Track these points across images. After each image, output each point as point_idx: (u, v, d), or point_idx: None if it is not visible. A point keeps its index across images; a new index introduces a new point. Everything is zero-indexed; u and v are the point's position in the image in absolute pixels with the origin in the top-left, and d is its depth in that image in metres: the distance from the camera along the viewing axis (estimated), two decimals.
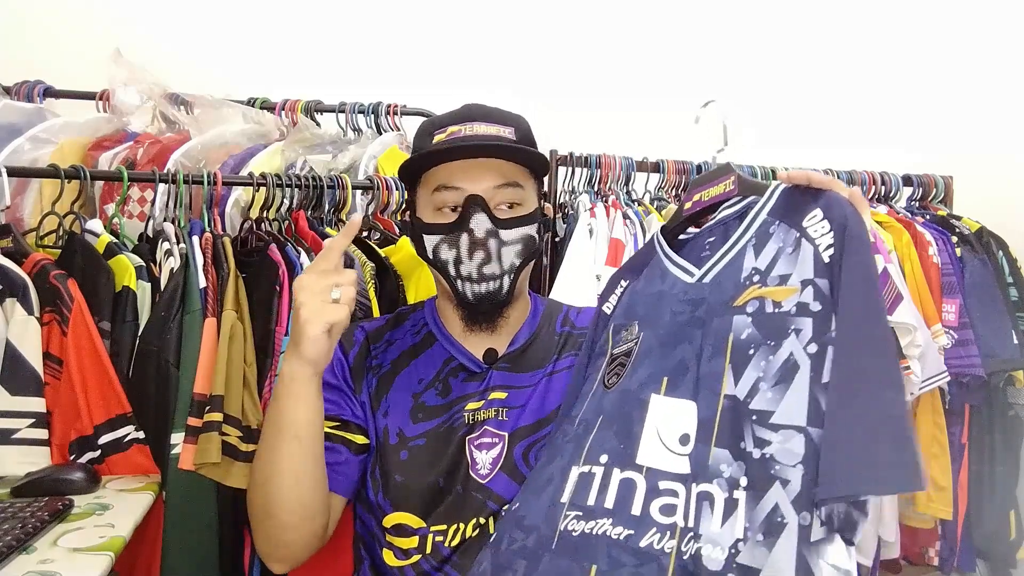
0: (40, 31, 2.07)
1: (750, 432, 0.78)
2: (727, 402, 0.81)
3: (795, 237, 0.86)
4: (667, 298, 0.95)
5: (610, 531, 0.81)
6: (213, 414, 1.18)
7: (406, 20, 2.25)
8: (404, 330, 1.13)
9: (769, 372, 0.80)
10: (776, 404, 0.78)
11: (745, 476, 0.77)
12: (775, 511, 0.74)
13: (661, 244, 1.03)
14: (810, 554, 0.72)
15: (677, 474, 0.81)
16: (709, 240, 0.97)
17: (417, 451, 1.03)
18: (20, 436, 1.16)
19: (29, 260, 1.24)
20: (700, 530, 0.77)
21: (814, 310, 0.81)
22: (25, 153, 1.55)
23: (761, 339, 0.82)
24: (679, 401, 0.85)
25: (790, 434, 0.76)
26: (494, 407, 1.05)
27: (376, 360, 1.10)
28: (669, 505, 0.80)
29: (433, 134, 1.05)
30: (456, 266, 1.03)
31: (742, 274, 0.88)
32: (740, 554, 0.74)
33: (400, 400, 1.06)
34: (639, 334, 0.95)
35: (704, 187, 1.01)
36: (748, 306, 0.85)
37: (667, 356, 0.89)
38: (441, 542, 1.00)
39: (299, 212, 1.48)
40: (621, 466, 0.84)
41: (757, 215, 0.92)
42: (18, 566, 0.89)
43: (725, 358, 0.83)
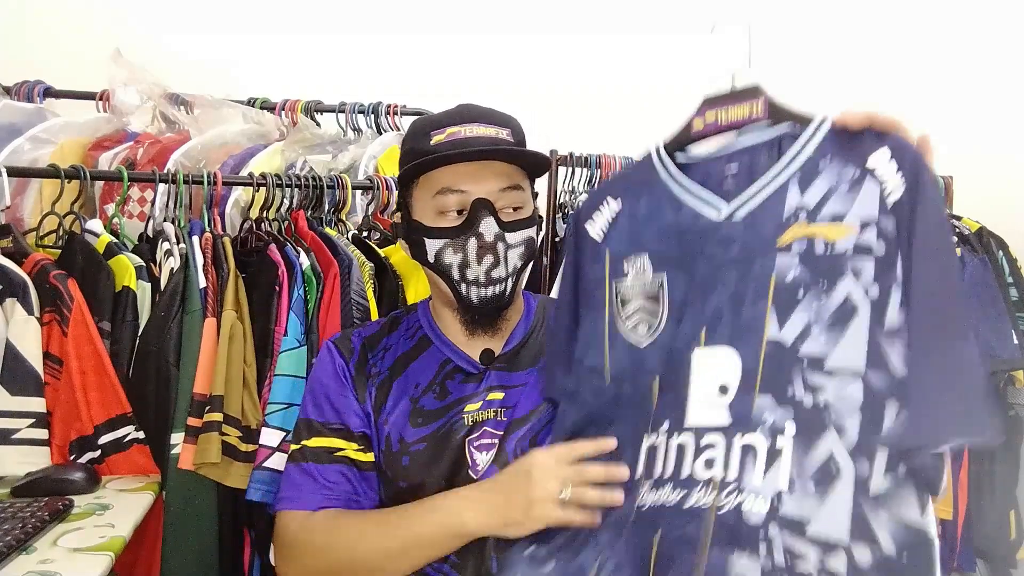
0: (40, 31, 2.07)
1: (800, 378, 0.73)
2: (770, 348, 0.76)
3: (853, 174, 0.78)
4: (691, 236, 0.86)
5: (670, 497, 0.79)
6: (213, 414, 1.18)
7: (406, 20, 2.25)
8: (399, 335, 1.13)
9: (822, 315, 0.74)
10: (831, 348, 0.73)
11: (793, 422, 0.72)
12: (829, 460, 0.70)
13: (667, 166, 0.91)
14: (869, 507, 0.68)
15: (717, 427, 0.77)
16: (731, 171, 0.88)
17: (418, 456, 1.03)
18: (20, 436, 1.16)
19: (29, 260, 1.24)
20: (743, 483, 0.73)
21: (877, 252, 0.74)
22: (25, 153, 1.55)
23: (811, 280, 0.76)
24: (717, 348, 0.80)
25: (847, 380, 0.71)
26: (493, 408, 1.05)
27: (375, 368, 1.09)
28: (709, 459, 0.76)
29: (430, 134, 1.04)
30: (462, 270, 1.02)
31: (784, 212, 0.80)
32: (784, 506, 0.70)
33: (399, 406, 1.06)
34: (660, 275, 0.87)
35: (723, 106, 0.90)
36: (794, 245, 0.78)
37: (705, 304, 0.83)
38: None
39: (299, 212, 1.48)
40: (677, 432, 0.81)
41: (802, 149, 0.83)
42: (18, 566, 0.89)
43: (767, 301, 0.77)
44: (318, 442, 1.05)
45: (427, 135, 1.04)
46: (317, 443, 1.05)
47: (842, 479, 0.69)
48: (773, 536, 0.70)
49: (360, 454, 1.05)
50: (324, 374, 1.09)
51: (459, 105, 1.08)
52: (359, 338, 1.12)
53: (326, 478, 1.03)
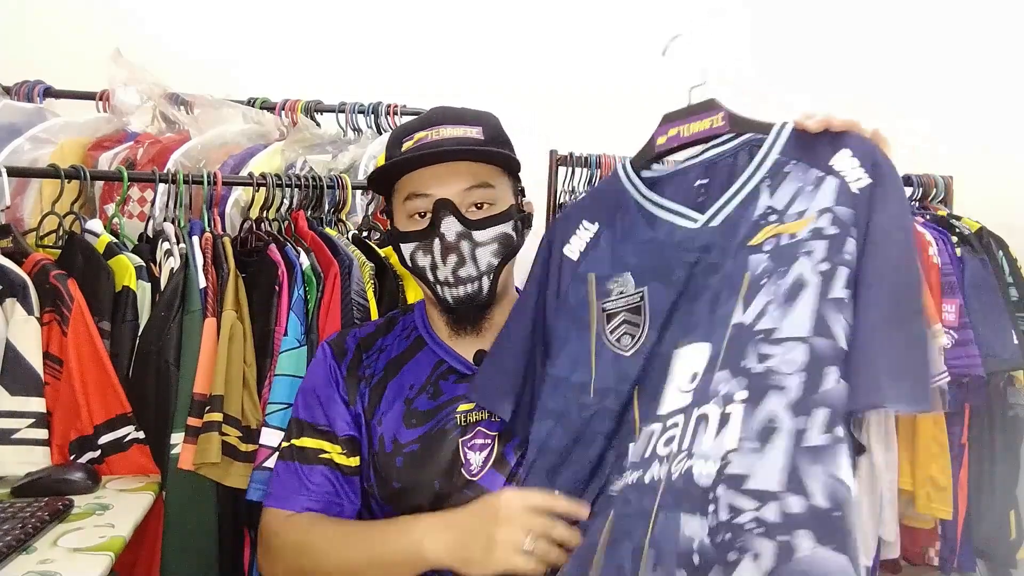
0: (40, 31, 2.07)
1: (754, 350, 0.77)
2: (733, 331, 0.80)
3: (816, 176, 0.84)
4: (670, 248, 0.90)
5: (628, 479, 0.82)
6: (213, 414, 1.18)
7: (406, 20, 2.25)
8: (395, 335, 1.13)
9: (778, 294, 0.79)
10: (780, 321, 0.77)
11: (745, 390, 0.76)
12: (770, 418, 0.73)
13: (637, 186, 0.96)
14: (802, 458, 0.70)
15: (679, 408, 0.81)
16: (701, 182, 0.92)
17: (412, 456, 1.03)
18: (20, 436, 1.15)
19: (29, 260, 1.24)
20: (693, 449, 0.76)
21: (828, 233, 0.79)
22: (25, 153, 1.55)
23: (774, 268, 0.81)
24: (695, 345, 0.84)
25: (792, 345, 0.75)
26: (486, 409, 1.05)
27: (369, 369, 1.10)
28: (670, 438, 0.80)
29: (402, 142, 1.05)
30: (432, 271, 1.03)
31: (756, 213, 0.85)
32: (730, 464, 0.73)
33: (393, 407, 1.07)
34: (641, 288, 0.91)
35: (684, 121, 0.95)
36: (765, 244, 0.83)
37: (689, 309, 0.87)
38: None
39: (299, 212, 1.48)
40: (648, 422, 0.84)
41: (768, 154, 0.88)
42: (18, 566, 0.89)
43: (739, 295, 0.82)
44: (305, 442, 1.06)
45: (399, 143, 1.06)
46: (305, 443, 1.06)
47: (781, 433, 0.72)
48: (720, 495, 0.72)
49: (344, 458, 1.06)
50: (316, 375, 1.10)
51: (432, 108, 1.09)
52: (355, 338, 1.13)
53: (310, 479, 1.04)
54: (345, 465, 1.05)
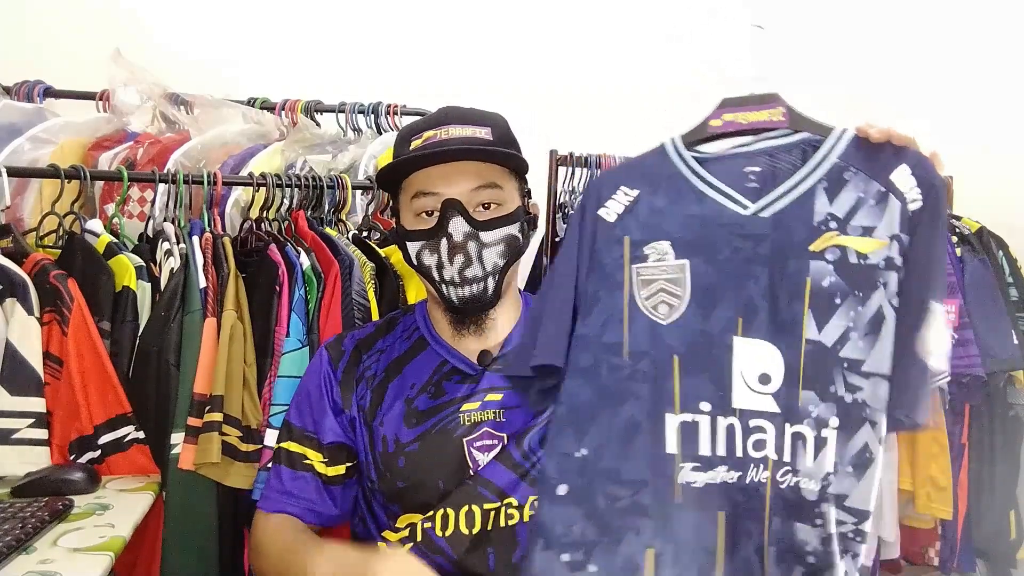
0: (40, 31, 2.07)
1: (841, 378, 0.84)
2: (810, 347, 0.85)
3: (878, 190, 0.87)
4: (715, 227, 0.90)
5: (726, 477, 0.87)
6: (213, 414, 1.18)
7: (406, 20, 2.25)
8: (395, 336, 1.13)
9: (859, 323, 0.85)
10: (867, 353, 0.84)
11: (836, 417, 0.84)
12: (865, 448, 0.83)
13: (686, 159, 0.95)
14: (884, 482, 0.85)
15: (765, 412, 0.87)
16: (752, 169, 0.92)
17: (413, 455, 1.03)
18: (20, 436, 1.15)
19: (29, 260, 1.24)
20: (797, 466, 0.85)
21: (898, 264, 0.85)
22: (25, 153, 1.55)
23: (848, 289, 0.85)
24: (758, 342, 0.88)
25: (878, 381, 0.84)
26: (491, 408, 1.05)
27: (370, 371, 1.10)
28: (759, 440, 0.86)
29: (410, 140, 1.06)
30: (439, 271, 1.03)
31: (815, 218, 0.87)
32: (831, 485, 0.84)
33: (394, 407, 1.07)
34: (682, 260, 0.91)
35: (743, 109, 0.95)
36: (828, 253, 0.86)
37: (737, 295, 0.89)
38: (430, 529, 1.01)
39: (299, 212, 1.48)
40: (724, 413, 0.88)
41: (826, 157, 0.90)
42: (18, 566, 0.89)
43: (804, 303, 0.86)
44: (292, 446, 1.09)
45: (407, 141, 1.06)
46: (291, 447, 1.09)
47: (875, 463, 0.83)
48: (826, 510, 0.84)
49: (324, 467, 1.07)
50: (310, 380, 1.12)
51: (441, 108, 1.09)
52: (352, 340, 1.13)
53: (292, 484, 1.06)
54: (325, 474, 1.07)
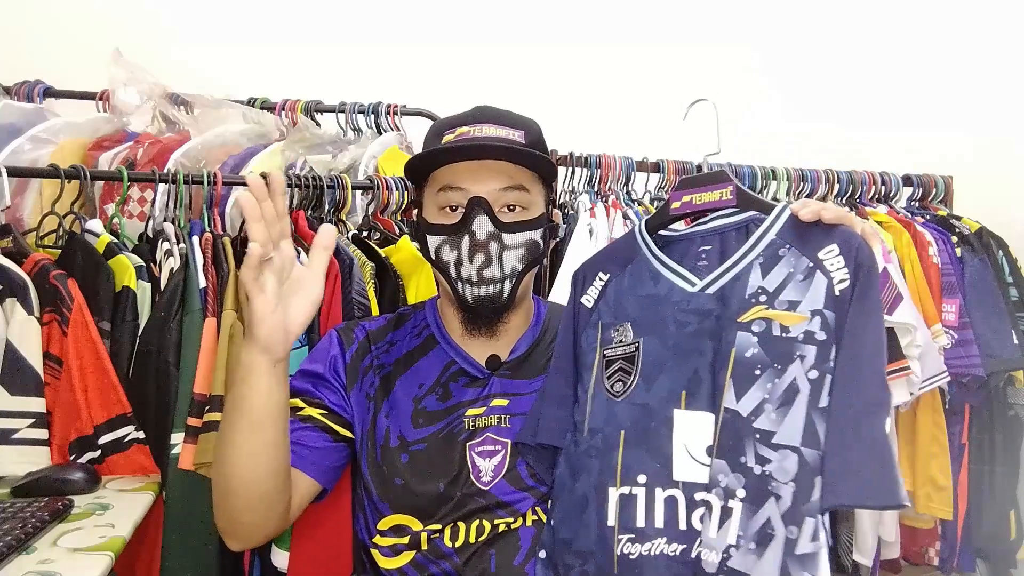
0: (40, 31, 2.07)
1: (752, 449, 0.84)
2: (727, 415, 0.86)
3: (807, 266, 0.89)
4: (667, 305, 0.96)
5: (666, 549, 0.87)
6: (213, 414, 1.18)
7: (406, 20, 2.25)
8: (405, 331, 1.13)
9: (774, 395, 0.85)
10: (778, 425, 0.83)
11: (743, 488, 0.83)
12: (767, 523, 0.81)
13: (648, 243, 1.03)
14: (793, 565, 0.79)
15: (702, 484, 0.87)
16: (704, 248, 0.98)
17: (418, 455, 1.03)
18: (20, 436, 1.15)
19: (29, 260, 1.24)
20: (702, 535, 0.85)
21: (819, 339, 0.85)
22: (25, 153, 1.55)
23: (768, 362, 0.86)
24: (699, 414, 0.89)
25: (786, 453, 0.82)
26: (496, 414, 1.05)
27: (378, 360, 1.09)
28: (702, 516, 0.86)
29: (443, 134, 1.05)
30: (457, 268, 1.02)
31: (747, 291, 0.90)
32: (731, 559, 0.82)
33: (401, 403, 1.06)
34: (637, 339, 0.96)
35: (697, 190, 1.01)
36: (754, 325, 0.88)
37: (681, 369, 0.92)
38: (439, 539, 1.00)
39: (299, 212, 1.48)
40: (663, 485, 0.89)
41: (764, 234, 0.93)
42: (18, 566, 0.89)
43: (727, 371, 0.87)
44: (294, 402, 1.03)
45: (440, 135, 1.05)
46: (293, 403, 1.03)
47: (776, 540, 0.80)
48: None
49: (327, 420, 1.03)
50: (317, 357, 1.10)
51: (476, 107, 1.08)
52: (363, 330, 1.12)
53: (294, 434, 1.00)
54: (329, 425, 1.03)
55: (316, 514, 1.14)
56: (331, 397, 1.06)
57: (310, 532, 1.21)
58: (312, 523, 1.19)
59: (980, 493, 1.79)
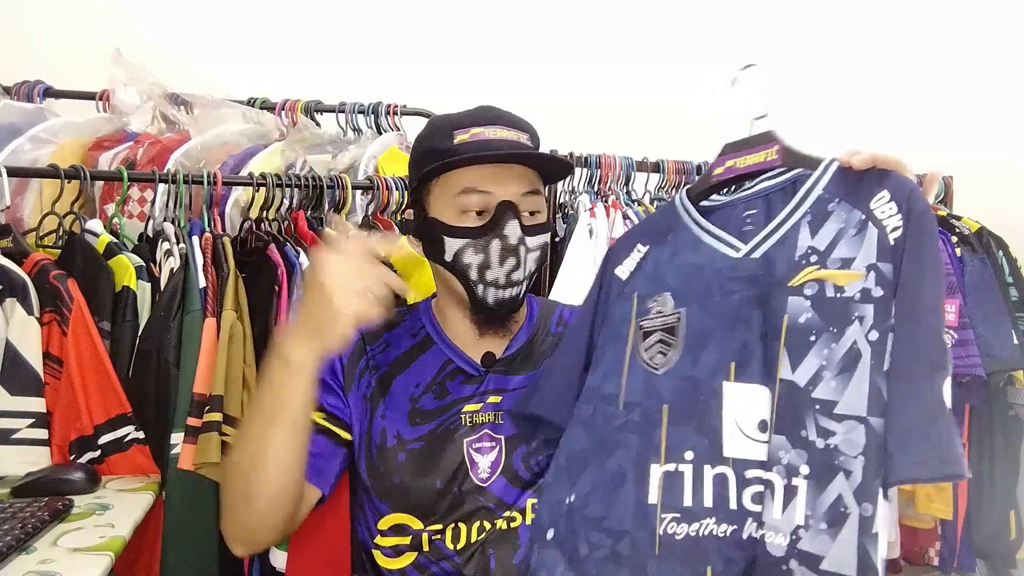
0: (40, 31, 2.07)
1: (813, 422, 0.78)
2: (783, 387, 0.80)
3: (859, 219, 0.82)
4: (710, 273, 0.90)
5: (715, 530, 0.81)
6: (213, 414, 1.18)
7: (405, 20, 2.25)
8: (401, 332, 1.13)
9: (832, 360, 0.79)
10: (840, 394, 0.77)
11: (807, 465, 0.77)
12: (838, 501, 0.75)
13: (689, 211, 0.97)
14: (870, 544, 0.74)
15: (760, 461, 0.81)
16: (749, 212, 0.92)
17: (415, 453, 1.03)
18: (20, 436, 1.16)
19: (29, 260, 1.24)
20: (763, 517, 0.79)
21: (876, 296, 0.79)
22: (25, 153, 1.55)
23: (824, 326, 0.80)
24: (750, 386, 0.84)
25: (852, 425, 0.76)
26: (491, 411, 1.05)
27: (374, 361, 1.09)
28: (758, 493, 0.81)
29: (453, 134, 1.03)
30: (481, 271, 1.01)
31: (796, 252, 0.84)
32: (801, 540, 0.76)
33: (398, 403, 1.06)
34: (678, 310, 0.91)
35: (740, 153, 0.95)
36: (806, 288, 0.82)
37: (729, 339, 0.86)
38: (440, 540, 1.00)
39: (299, 212, 1.48)
40: (711, 462, 0.83)
41: (811, 190, 0.87)
42: (18, 566, 0.89)
43: (780, 341, 0.82)
44: None
45: (449, 134, 1.03)
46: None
47: (850, 519, 0.74)
48: (793, 568, 0.76)
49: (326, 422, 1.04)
50: None
51: (479, 106, 1.07)
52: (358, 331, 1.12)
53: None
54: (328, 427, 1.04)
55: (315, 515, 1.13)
56: (330, 400, 1.06)
57: (308, 532, 1.21)
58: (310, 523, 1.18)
59: (980, 493, 1.79)
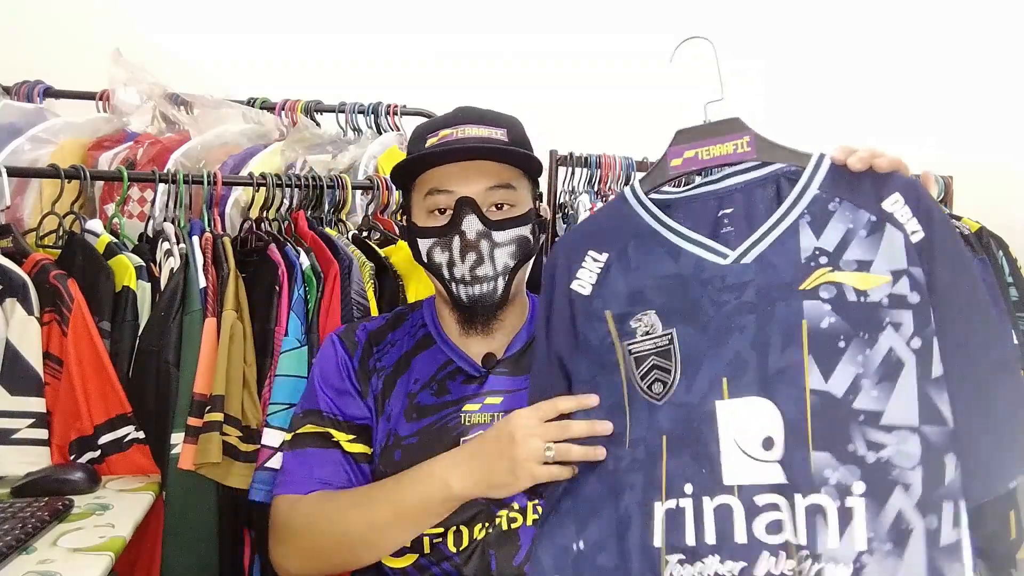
0: (40, 31, 2.07)
1: (860, 434, 0.73)
2: (816, 398, 0.75)
3: (868, 220, 0.78)
4: (696, 286, 0.83)
5: (720, 569, 0.76)
6: (213, 414, 1.17)
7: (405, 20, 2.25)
8: (403, 331, 1.13)
9: (870, 368, 0.75)
10: (884, 403, 0.74)
11: (861, 482, 0.73)
12: (900, 518, 0.71)
13: (650, 210, 0.88)
14: (941, 559, 0.70)
15: (771, 484, 0.76)
16: (725, 212, 0.85)
17: (410, 449, 1.03)
18: (20, 436, 1.15)
19: (29, 260, 1.24)
20: (818, 548, 0.72)
21: (913, 302, 0.75)
22: (25, 153, 1.55)
23: (852, 332, 0.76)
24: (748, 400, 0.78)
25: (904, 435, 0.72)
26: (490, 412, 1.05)
27: (380, 362, 1.10)
28: (774, 522, 0.75)
29: (426, 138, 1.06)
30: (449, 269, 1.03)
31: (801, 254, 0.79)
32: (867, 568, 0.71)
33: (398, 401, 1.07)
34: (668, 330, 0.84)
35: (702, 142, 0.86)
36: (822, 291, 0.77)
37: (721, 353, 0.80)
38: (442, 543, 1.00)
39: (299, 212, 1.48)
40: (711, 493, 0.78)
41: (805, 189, 0.82)
42: (18, 566, 0.89)
43: (803, 348, 0.77)
44: (312, 429, 1.06)
45: (423, 139, 1.06)
46: (311, 430, 1.06)
47: (916, 535, 0.70)
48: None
49: (352, 445, 1.05)
50: (325, 366, 1.10)
51: (458, 108, 1.09)
52: (364, 331, 1.12)
53: (320, 463, 1.03)
54: (354, 452, 1.05)
55: None
56: (355, 412, 1.07)
57: None
58: None
59: None
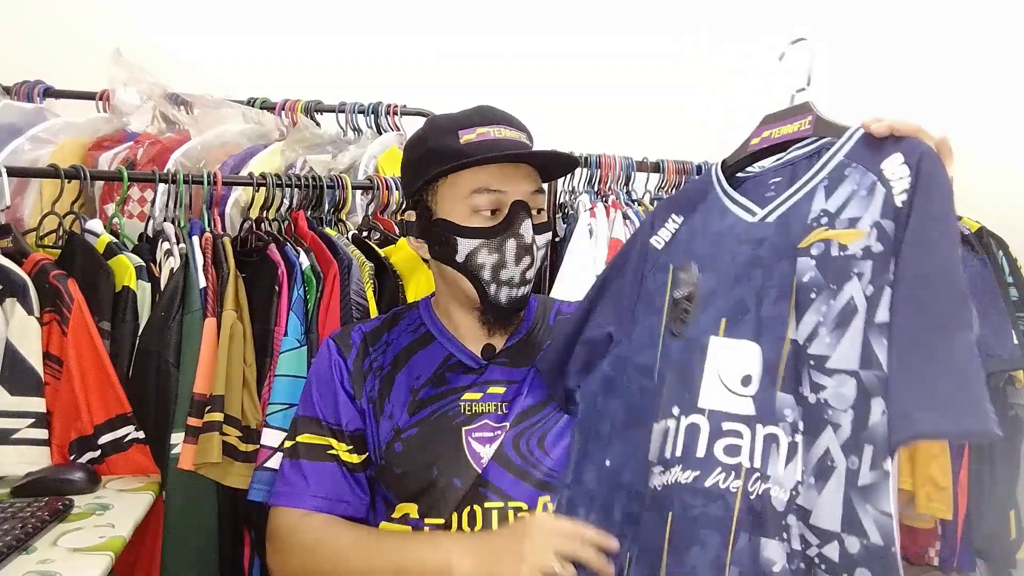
0: (40, 31, 2.07)
1: (807, 377, 0.79)
2: (791, 347, 0.81)
3: (871, 181, 0.82)
4: (727, 238, 0.92)
5: (679, 477, 0.83)
6: (213, 414, 1.18)
7: (405, 20, 2.25)
8: (401, 329, 1.14)
9: (829, 316, 0.79)
10: (832, 349, 0.78)
11: (802, 421, 0.78)
12: (826, 455, 0.76)
13: (720, 180, 0.98)
14: (856, 498, 0.74)
15: (741, 415, 0.82)
16: (775, 180, 0.93)
17: (411, 440, 1.03)
18: (20, 436, 1.15)
19: (29, 260, 1.24)
20: (768, 471, 0.79)
21: (875, 251, 0.78)
22: (25, 153, 1.55)
23: (824, 283, 0.80)
24: (740, 342, 0.85)
25: (843, 379, 0.76)
26: (493, 401, 1.06)
27: (377, 362, 1.10)
28: (733, 446, 0.81)
29: (458, 134, 1.02)
30: (495, 271, 1.02)
31: (809, 216, 0.85)
32: (799, 496, 0.77)
33: (399, 398, 1.07)
34: (699, 276, 0.92)
35: (776, 124, 0.96)
36: (813, 248, 0.83)
37: (726, 297, 0.88)
38: None
39: (299, 212, 1.48)
40: (687, 413, 0.85)
41: (832, 157, 0.87)
42: (18, 566, 0.89)
43: (790, 302, 0.82)
44: (311, 439, 1.06)
45: (454, 134, 1.03)
46: (311, 439, 1.06)
47: (837, 472, 0.75)
48: (791, 524, 0.77)
49: (350, 455, 1.06)
50: (320, 372, 1.10)
51: (479, 106, 1.08)
52: (360, 333, 1.13)
53: (318, 477, 1.04)
54: (351, 463, 1.06)
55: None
56: (349, 418, 1.07)
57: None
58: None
59: (980, 493, 1.79)
